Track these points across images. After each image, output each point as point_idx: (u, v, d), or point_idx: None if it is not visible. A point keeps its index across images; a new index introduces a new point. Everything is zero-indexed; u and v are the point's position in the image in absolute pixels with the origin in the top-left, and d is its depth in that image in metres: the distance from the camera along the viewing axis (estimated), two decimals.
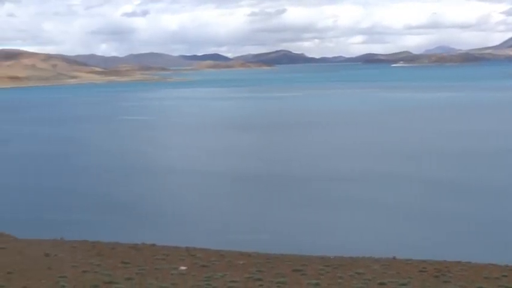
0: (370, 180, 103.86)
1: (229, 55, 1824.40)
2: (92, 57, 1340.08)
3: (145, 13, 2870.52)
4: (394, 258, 36.84)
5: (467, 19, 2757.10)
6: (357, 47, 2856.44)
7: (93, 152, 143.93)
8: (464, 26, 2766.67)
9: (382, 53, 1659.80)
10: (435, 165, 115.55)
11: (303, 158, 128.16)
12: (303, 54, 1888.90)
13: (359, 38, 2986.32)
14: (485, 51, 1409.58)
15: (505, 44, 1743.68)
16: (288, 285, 28.03)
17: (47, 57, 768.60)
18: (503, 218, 79.34)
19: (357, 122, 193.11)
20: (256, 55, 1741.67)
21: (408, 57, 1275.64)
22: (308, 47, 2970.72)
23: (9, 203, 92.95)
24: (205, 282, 27.88)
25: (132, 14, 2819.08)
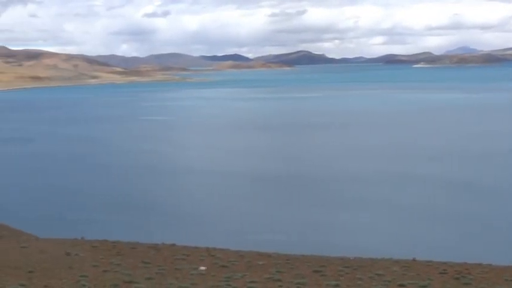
0: (390, 181, 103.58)
1: (250, 56, 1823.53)
2: (113, 57, 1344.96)
3: (166, 14, 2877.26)
4: (414, 259, 36.70)
5: (488, 20, 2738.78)
6: (377, 47, 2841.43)
7: (113, 152, 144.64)
8: (486, 27, 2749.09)
9: (403, 53, 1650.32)
10: (456, 166, 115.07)
11: (322, 159, 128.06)
12: (323, 54, 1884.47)
13: (380, 39, 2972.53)
14: (507, 52, 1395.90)
15: None
16: (308, 286, 28.02)
17: (69, 57, 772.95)
18: None
19: (377, 123, 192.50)
20: (276, 56, 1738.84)
21: (429, 58, 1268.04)
22: (328, 48, 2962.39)
23: (30, 202, 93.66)
24: (224, 282, 27.92)
25: (153, 14, 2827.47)
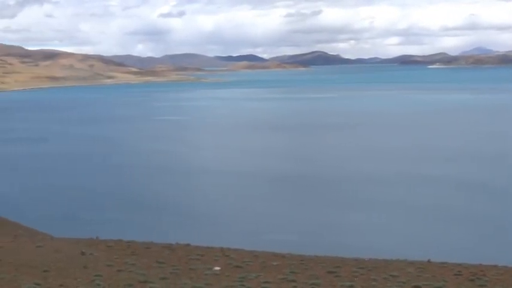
0: (405, 182, 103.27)
1: (265, 56, 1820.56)
2: (128, 57, 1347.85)
3: (181, 14, 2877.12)
4: (428, 261, 36.53)
5: (505, 20, 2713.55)
6: (393, 48, 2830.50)
7: (128, 152, 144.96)
8: (502, 28, 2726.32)
9: (418, 54, 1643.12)
10: (471, 168, 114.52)
11: (337, 159, 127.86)
12: (338, 55, 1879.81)
13: (395, 39, 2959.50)
14: None
15: None
16: (322, 287, 27.97)
17: (84, 57, 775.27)
18: None
19: (392, 124, 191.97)
20: (291, 56, 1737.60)
21: (445, 59, 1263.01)
22: (344, 48, 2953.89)
23: (46, 202, 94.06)
24: (239, 282, 27.91)
25: (168, 14, 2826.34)
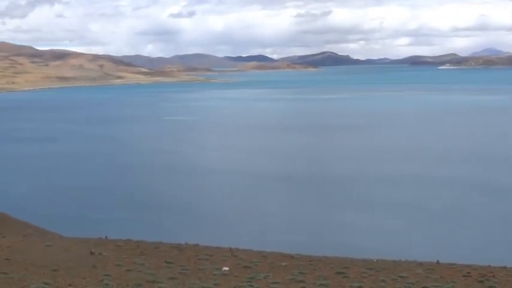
0: (414, 183, 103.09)
1: (275, 56, 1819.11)
2: (138, 57, 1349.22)
3: (191, 14, 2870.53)
4: (437, 262, 36.40)
5: None
6: (402, 49, 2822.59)
7: (138, 152, 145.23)
8: None
9: (428, 55, 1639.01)
10: (481, 169, 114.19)
11: (346, 160, 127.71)
12: (348, 55, 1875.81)
13: (405, 40, 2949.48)
14: None
15: None
16: None
17: (94, 57, 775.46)
18: None
19: (402, 125, 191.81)
20: (301, 56, 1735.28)
21: (455, 60, 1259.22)
22: (353, 49, 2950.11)
23: (55, 201, 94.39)
24: (247, 283, 27.91)
25: (178, 15, 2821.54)
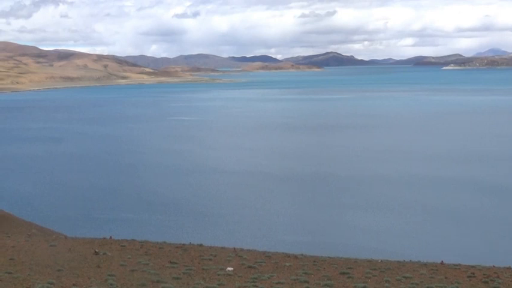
0: (419, 183, 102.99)
1: (279, 57, 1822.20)
2: (143, 58, 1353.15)
3: (195, 14, 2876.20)
4: (442, 262, 36.37)
5: None
6: (407, 49, 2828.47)
7: (142, 152, 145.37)
8: None
9: (432, 55, 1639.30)
10: (486, 170, 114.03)
11: (351, 160, 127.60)
12: (352, 56, 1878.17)
13: (409, 41, 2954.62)
14: None
15: None
16: None
17: (99, 57, 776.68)
18: None
19: (408, 125, 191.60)
20: (305, 57, 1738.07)
21: (459, 60, 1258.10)
22: (357, 49, 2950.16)
23: (60, 201, 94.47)
24: (251, 283, 27.90)
25: (182, 15, 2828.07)
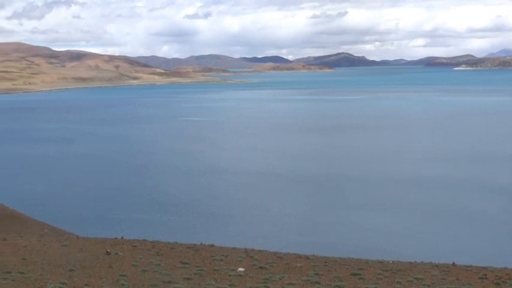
0: (430, 184, 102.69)
1: (290, 57, 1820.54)
2: (154, 58, 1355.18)
3: (207, 15, 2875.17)
4: (453, 264, 36.27)
5: None
6: (418, 50, 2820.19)
7: (153, 152, 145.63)
8: None
9: (444, 56, 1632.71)
10: (498, 171, 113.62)
11: (362, 161, 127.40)
12: (363, 57, 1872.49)
13: (421, 41, 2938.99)
14: None
15: None
16: None
17: (110, 58, 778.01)
18: None
19: (418, 126, 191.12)
20: (316, 58, 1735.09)
21: (471, 61, 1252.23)
22: (369, 50, 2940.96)
23: (71, 201, 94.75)
24: (263, 284, 27.89)
25: (194, 16, 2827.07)
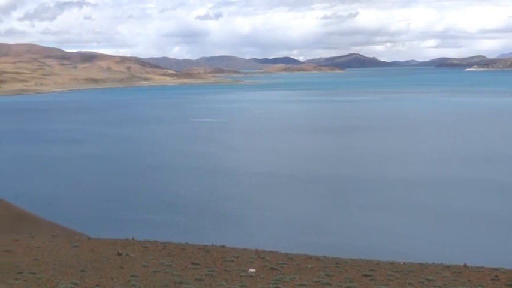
0: (441, 185, 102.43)
1: (301, 58, 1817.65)
2: (165, 59, 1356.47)
3: (218, 16, 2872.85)
4: (465, 265, 36.16)
5: None
6: (429, 50, 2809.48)
7: (165, 153, 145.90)
8: None
9: (455, 57, 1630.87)
10: (509, 172, 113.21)
11: (373, 162, 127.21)
12: (374, 58, 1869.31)
13: (432, 42, 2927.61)
14: None
15: None
16: None
17: (122, 59, 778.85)
18: None
19: (429, 127, 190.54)
20: (327, 59, 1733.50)
21: (482, 62, 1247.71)
22: (380, 51, 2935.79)
23: (83, 202, 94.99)
24: (273, 285, 27.92)
25: (205, 17, 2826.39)
